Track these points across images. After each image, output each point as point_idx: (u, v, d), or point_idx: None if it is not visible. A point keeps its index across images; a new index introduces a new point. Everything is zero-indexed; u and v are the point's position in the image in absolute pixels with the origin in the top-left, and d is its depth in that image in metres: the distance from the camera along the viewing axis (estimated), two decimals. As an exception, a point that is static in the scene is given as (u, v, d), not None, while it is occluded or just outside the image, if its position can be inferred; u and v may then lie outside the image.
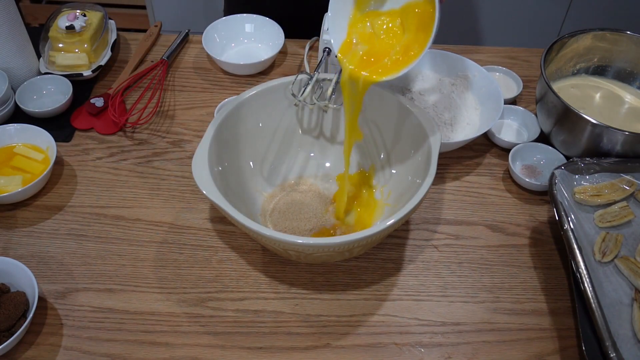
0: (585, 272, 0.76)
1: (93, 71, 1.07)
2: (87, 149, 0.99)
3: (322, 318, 0.79)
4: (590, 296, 0.74)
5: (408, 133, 0.85)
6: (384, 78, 0.76)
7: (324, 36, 0.95)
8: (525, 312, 0.81)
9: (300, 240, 0.69)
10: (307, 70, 0.91)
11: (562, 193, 0.85)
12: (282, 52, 1.14)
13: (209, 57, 1.15)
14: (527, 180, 0.93)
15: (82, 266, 0.84)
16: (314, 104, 0.89)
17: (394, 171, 0.90)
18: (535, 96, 1.00)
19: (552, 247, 0.88)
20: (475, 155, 1.00)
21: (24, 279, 0.77)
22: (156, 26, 1.21)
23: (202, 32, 1.14)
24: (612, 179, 0.88)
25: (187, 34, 1.19)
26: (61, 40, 1.06)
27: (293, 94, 0.88)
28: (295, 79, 0.88)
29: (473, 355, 0.76)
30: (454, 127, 0.99)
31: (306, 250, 0.72)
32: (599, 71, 1.05)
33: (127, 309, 0.79)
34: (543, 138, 0.98)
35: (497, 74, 1.11)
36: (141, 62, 1.15)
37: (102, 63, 1.08)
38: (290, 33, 1.15)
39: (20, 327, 0.73)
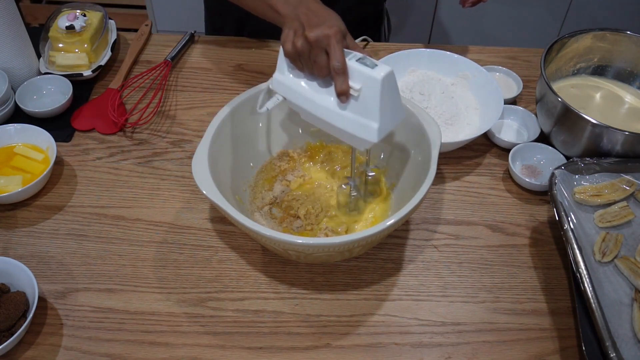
0: (585, 272, 0.76)
1: (93, 71, 1.07)
2: (87, 149, 0.99)
3: (322, 318, 0.79)
4: (590, 296, 0.74)
5: (408, 133, 0.85)
6: None
7: None
8: (525, 312, 0.81)
9: (300, 240, 0.69)
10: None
11: (562, 193, 0.85)
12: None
13: (209, 57, 1.15)
14: (527, 180, 0.93)
15: (82, 266, 0.84)
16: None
17: (394, 171, 0.90)
18: (535, 96, 1.00)
19: (552, 247, 0.88)
20: (475, 155, 1.00)
21: (24, 279, 0.77)
22: (147, 25, 1.21)
23: (202, 32, 1.14)
24: (612, 179, 0.88)
25: (192, 35, 1.19)
26: (61, 40, 1.06)
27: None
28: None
29: (473, 355, 0.76)
30: (454, 127, 0.99)
31: (306, 250, 0.72)
32: (599, 71, 1.05)
33: (127, 309, 0.79)
34: (543, 138, 0.98)
35: (497, 74, 1.11)
36: (135, 61, 1.15)
37: (102, 63, 1.08)
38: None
39: (20, 327, 0.73)
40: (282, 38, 0.76)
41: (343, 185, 0.89)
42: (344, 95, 0.72)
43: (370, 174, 0.87)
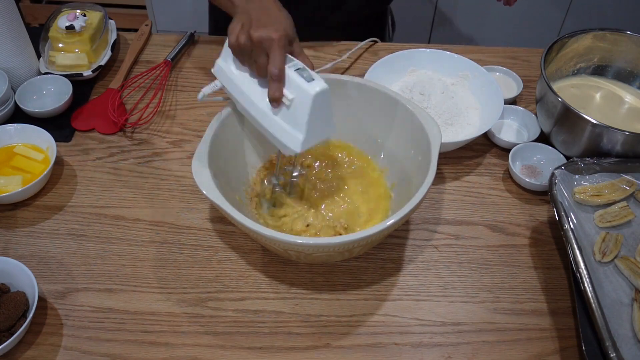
0: (585, 272, 0.76)
1: (93, 71, 1.07)
2: (87, 149, 0.99)
3: (322, 318, 0.79)
4: (590, 296, 0.74)
5: (408, 133, 0.85)
6: None
7: None
8: (525, 312, 0.81)
9: (300, 240, 0.69)
10: None
11: (562, 193, 0.85)
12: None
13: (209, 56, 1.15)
14: (527, 180, 0.93)
15: (82, 266, 0.84)
16: None
17: (394, 171, 0.90)
18: (535, 96, 1.00)
19: (552, 247, 0.88)
20: (475, 155, 1.00)
21: (24, 279, 0.77)
22: (147, 25, 1.21)
23: (202, 32, 1.14)
24: (612, 179, 0.88)
25: (192, 35, 1.19)
26: (61, 40, 1.06)
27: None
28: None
29: (473, 355, 0.76)
30: (454, 127, 0.99)
31: (306, 250, 0.72)
32: (599, 71, 1.05)
33: (127, 309, 0.79)
34: (543, 138, 0.98)
35: (497, 74, 1.11)
36: (135, 61, 1.15)
37: (102, 63, 1.08)
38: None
39: (20, 327, 0.73)
40: (229, 28, 0.77)
41: (273, 180, 0.89)
42: (275, 101, 0.75)
43: (294, 173, 0.88)
